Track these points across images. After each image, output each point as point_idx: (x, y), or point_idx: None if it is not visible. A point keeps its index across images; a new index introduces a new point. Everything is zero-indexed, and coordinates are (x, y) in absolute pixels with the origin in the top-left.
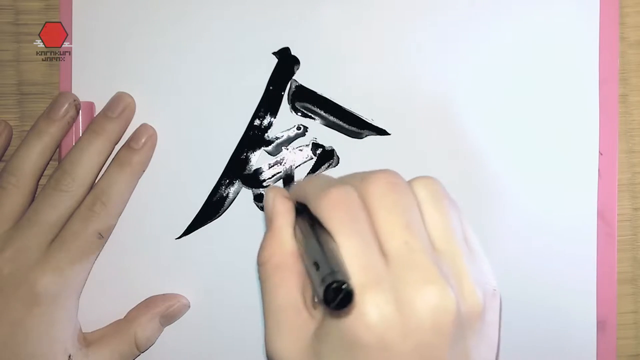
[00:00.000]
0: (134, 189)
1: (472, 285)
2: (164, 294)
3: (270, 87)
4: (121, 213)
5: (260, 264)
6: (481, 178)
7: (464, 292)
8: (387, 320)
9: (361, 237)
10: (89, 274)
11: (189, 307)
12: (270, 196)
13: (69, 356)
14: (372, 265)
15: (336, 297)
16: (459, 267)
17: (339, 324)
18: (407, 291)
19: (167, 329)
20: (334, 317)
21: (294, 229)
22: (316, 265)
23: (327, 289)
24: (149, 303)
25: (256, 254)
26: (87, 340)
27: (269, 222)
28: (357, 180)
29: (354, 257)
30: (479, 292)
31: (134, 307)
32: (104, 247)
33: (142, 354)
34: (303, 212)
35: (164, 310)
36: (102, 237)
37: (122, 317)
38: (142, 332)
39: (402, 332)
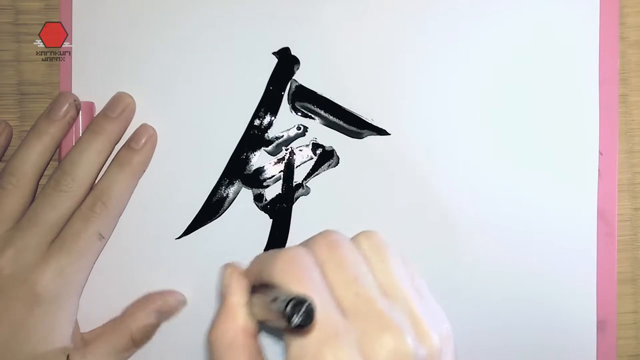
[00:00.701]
0: (134, 189)
1: (427, 328)
2: (160, 290)
3: (270, 87)
4: (121, 213)
5: (211, 341)
6: (481, 178)
7: (419, 336)
8: None
9: (316, 292)
10: (89, 274)
11: (186, 303)
12: (225, 274)
13: (67, 356)
14: (330, 318)
15: (298, 312)
16: (412, 312)
17: None
18: (365, 341)
19: (167, 329)
20: (295, 338)
21: (249, 305)
22: (275, 300)
23: (288, 305)
24: (145, 299)
25: (256, 254)
26: (85, 340)
27: (223, 299)
28: (303, 245)
29: (316, 315)
30: (435, 335)
31: (130, 304)
32: (104, 247)
33: (141, 353)
34: (259, 288)
35: (160, 306)
36: (103, 237)
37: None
38: (139, 328)
39: None
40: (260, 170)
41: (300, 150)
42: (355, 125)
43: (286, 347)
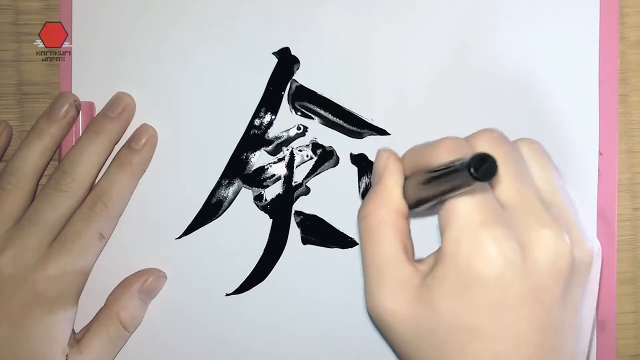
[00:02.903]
0: (134, 189)
1: (582, 236)
2: (137, 271)
3: (270, 87)
4: (122, 213)
5: (363, 216)
6: None
7: (575, 241)
8: (507, 256)
9: (483, 184)
10: (89, 274)
11: (166, 278)
12: (382, 157)
13: (66, 356)
14: (491, 204)
15: (482, 164)
16: (568, 220)
17: (457, 263)
18: (524, 233)
19: (168, 329)
20: (453, 220)
21: (404, 188)
22: (436, 173)
23: (473, 159)
24: (124, 283)
25: (256, 254)
26: (76, 338)
27: (377, 179)
28: (464, 139)
29: (474, 197)
30: (589, 244)
31: (111, 292)
32: (104, 247)
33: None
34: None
35: (140, 285)
36: (103, 237)
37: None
38: (125, 312)
39: (520, 271)
40: (260, 170)
41: (300, 150)
42: (355, 125)
43: (442, 231)
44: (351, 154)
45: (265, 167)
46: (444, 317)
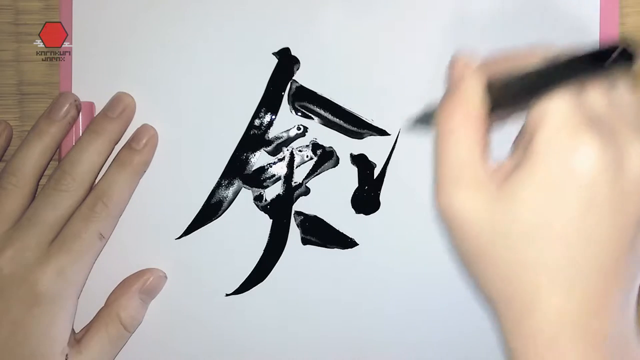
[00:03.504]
0: (134, 189)
1: None
2: (137, 271)
3: (270, 87)
4: (122, 213)
5: (443, 117)
6: None
7: None
8: (604, 159)
9: (580, 90)
10: (89, 274)
11: (166, 278)
12: (460, 62)
13: (66, 356)
14: (589, 109)
15: (615, 50)
16: None
17: (549, 159)
18: (620, 142)
19: (169, 329)
20: (549, 121)
21: (486, 90)
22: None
23: (621, 41)
24: (124, 283)
25: (256, 254)
26: (77, 338)
27: (457, 82)
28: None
29: (571, 99)
30: None
31: (111, 292)
32: (104, 247)
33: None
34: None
35: (141, 285)
36: (103, 237)
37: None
38: (125, 312)
39: (613, 177)
40: (260, 171)
41: (300, 150)
42: (355, 125)
43: (533, 133)
44: (351, 154)
45: (265, 168)
46: (525, 213)
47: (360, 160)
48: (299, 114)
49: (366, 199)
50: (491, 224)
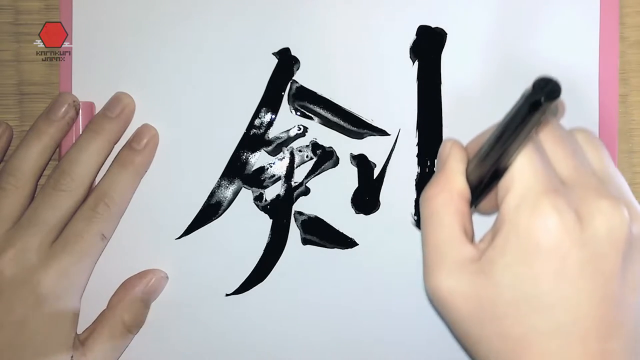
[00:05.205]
0: (135, 189)
1: (639, 212)
2: (139, 272)
3: (270, 87)
4: (123, 213)
5: (427, 199)
6: None
7: (633, 216)
8: (567, 225)
9: (539, 156)
10: (90, 274)
11: (167, 279)
12: (445, 145)
13: (71, 357)
14: (551, 177)
15: (546, 85)
16: (624, 195)
17: (517, 231)
18: (582, 205)
19: (170, 330)
20: (514, 187)
21: (467, 172)
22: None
23: (537, 81)
24: (126, 285)
25: (256, 254)
26: (80, 340)
27: (442, 165)
28: None
29: (534, 166)
30: None
31: (113, 294)
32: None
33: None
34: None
35: (143, 287)
36: (105, 237)
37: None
38: (129, 315)
39: (579, 240)
40: (260, 171)
41: (300, 150)
42: (355, 126)
43: (502, 199)
44: (351, 154)
45: (265, 168)
46: (505, 289)
47: (360, 160)
48: (299, 114)
49: (366, 199)
50: (478, 302)
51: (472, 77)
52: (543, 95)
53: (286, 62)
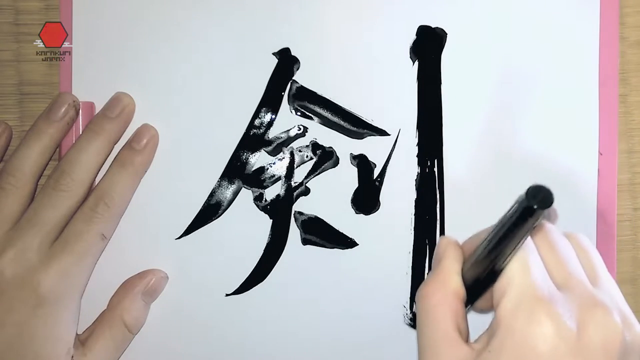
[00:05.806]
0: (135, 189)
1: (631, 320)
2: (139, 273)
3: (270, 87)
4: (123, 214)
5: (421, 297)
6: (481, 178)
7: (625, 324)
8: (562, 333)
9: (534, 262)
10: (90, 274)
11: (167, 278)
12: (442, 243)
13: (72, 357)
14: (547, 283)
15: (539, 193)
16: (616, 302)
17: (513, 336)
18: (577, 312)
19: (170, 330)
20: (509, 296)
21: (462, 272)
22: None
23: (530, 189)
24: (126, 285)
25: (256, 254)
26: (81, 340)
27: (437, 263)
28: None
29: (530, 271)
30: (639, 328)
31: (114, 294)
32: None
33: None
34: None
35: (143, 287)
36: (105, 237)
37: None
38: (129, 315)
39: (575, 348)
40: (260, 171)
41: (300, 150)
42: (355, 126)
43: (497, 302)
44: (351, 154)
45: (265, 168)
46: None
47: (360, 160)
48: (299, 114)
49: (366, 199)
50: None
51: (471, 77)
52: (536, 203)
53: (286, 62)
